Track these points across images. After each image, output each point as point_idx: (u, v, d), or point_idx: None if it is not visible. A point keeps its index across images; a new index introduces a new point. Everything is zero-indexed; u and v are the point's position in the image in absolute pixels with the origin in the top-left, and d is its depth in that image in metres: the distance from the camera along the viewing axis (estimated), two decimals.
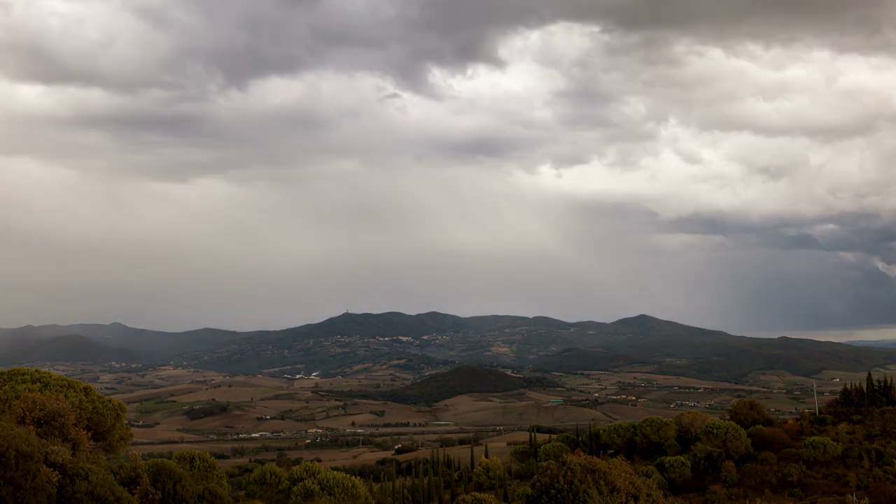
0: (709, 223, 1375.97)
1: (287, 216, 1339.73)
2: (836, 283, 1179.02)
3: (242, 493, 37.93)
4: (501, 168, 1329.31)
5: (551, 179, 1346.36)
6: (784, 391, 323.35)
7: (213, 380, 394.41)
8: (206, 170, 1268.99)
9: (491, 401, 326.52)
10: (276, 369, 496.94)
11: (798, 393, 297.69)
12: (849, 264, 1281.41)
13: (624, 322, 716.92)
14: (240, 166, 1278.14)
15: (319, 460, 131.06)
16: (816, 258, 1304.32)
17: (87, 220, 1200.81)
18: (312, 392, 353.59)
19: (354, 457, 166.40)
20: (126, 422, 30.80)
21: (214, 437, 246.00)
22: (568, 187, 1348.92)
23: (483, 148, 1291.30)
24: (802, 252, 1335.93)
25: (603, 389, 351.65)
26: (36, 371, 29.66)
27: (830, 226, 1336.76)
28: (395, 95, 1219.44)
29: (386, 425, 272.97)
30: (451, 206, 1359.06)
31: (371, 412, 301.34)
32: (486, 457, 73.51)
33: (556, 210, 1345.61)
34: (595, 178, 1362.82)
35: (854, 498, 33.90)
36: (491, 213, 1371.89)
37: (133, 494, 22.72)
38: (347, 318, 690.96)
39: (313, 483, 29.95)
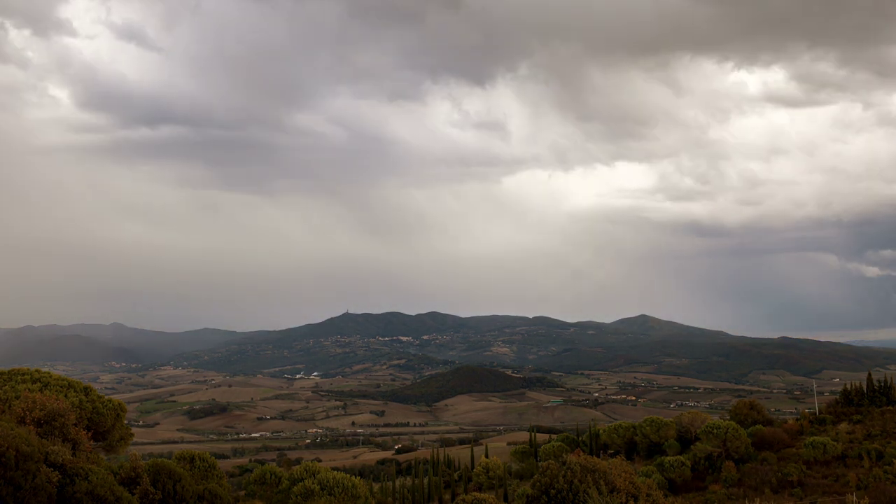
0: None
1: (302, 221, 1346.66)
2: (837, 286, 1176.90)
3: (242, 493, 37.91)
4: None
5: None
6: (784, 391, 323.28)
7: (213, 380, 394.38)
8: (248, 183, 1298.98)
9: (491, 401, 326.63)
10: (276, 369, 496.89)
11: (798, 393, 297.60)
12: (848, 267, 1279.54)
13: (624, 322, 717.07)
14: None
15: (319, 460, 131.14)
16: (817, 262, 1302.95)
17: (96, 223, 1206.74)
18: (312, 392, 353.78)
19: (354, 457, 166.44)
20: (126, 422, 30.75)
21: (214, 437, 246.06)
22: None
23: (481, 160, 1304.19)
24: (803, 255, 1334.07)
25: (603, 389, 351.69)
26: (36, 371, 29.63)
27: (831, 230, 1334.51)
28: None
29: (386, 425, 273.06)
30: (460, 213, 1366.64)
31: (371, 412, 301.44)
32: (487, 457, 73.51)
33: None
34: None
35: (854, 498, 33.89)
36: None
37: (133, 494, 22.72)
38: (347, 318, 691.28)
39: (313, 483, 29.94)
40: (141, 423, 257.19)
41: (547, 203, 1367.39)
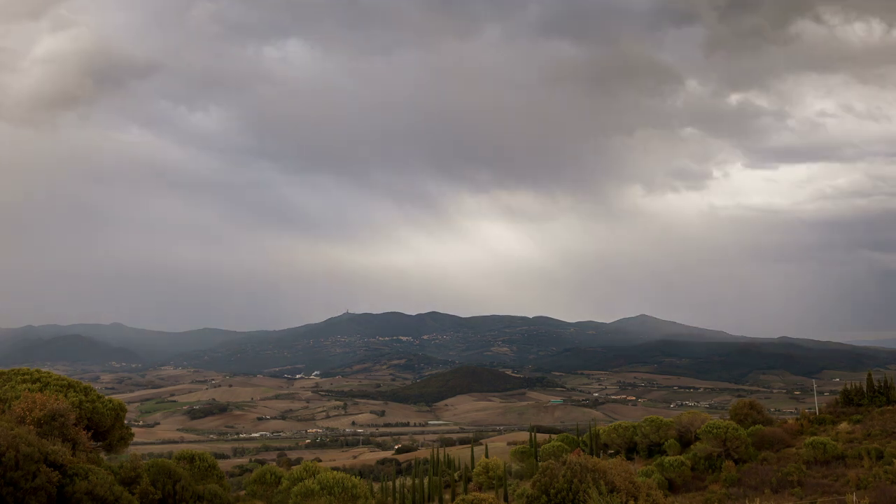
0: None
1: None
2: (838, 286, 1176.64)
3: (242, 492, 37.88)
4: None
5: None
6: (784, 391, 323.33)
7: (213, 380, 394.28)
8: None
9: (491, 401, 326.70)
10: (276, 369, 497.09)
11: (798, 393, 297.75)
12: (849, 268, 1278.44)
13: (624, 322, 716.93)
14: None
15: (320, 460, 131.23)
16: (818, 262, 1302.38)
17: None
18: (312, 392, 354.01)
19: (354, 457, 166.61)
20: (126, 422, 30.74)
21: (214, 437, 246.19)
22: None
23: None
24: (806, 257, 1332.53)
25: (603, 389, 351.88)
26: (36, 371, 29.62)
27: (834, 231, 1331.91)
28: None
29: (386, 425, 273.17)
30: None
31: (371, 412, 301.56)
32: (487, 457, 73.52)
33: None
34: None
35: (854, 497, 33.86)
36: None
37: (133, 494, 22.71)
38: (347, 318, 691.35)
39: (313, 483, 29.90)
40: (141, 422, 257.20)
41: None
